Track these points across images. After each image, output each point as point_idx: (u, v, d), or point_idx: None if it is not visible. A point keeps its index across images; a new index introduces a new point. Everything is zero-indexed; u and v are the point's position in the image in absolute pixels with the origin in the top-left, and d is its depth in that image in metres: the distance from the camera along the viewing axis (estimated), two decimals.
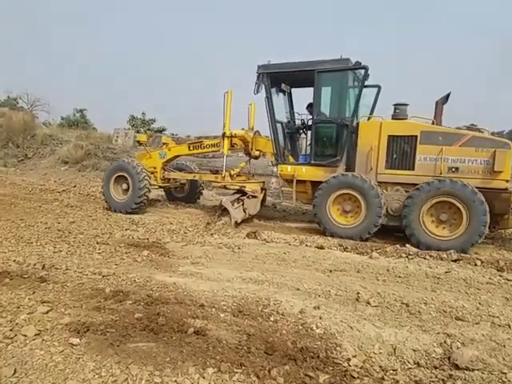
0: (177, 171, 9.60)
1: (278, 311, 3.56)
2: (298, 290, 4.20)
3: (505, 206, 6.39)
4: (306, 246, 6.33)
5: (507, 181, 6.34)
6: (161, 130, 26.23)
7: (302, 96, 8.61)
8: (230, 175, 8.46)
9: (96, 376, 2.43)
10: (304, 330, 3.24)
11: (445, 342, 3.05)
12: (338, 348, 2.95)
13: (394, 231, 7.16)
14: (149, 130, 25.73)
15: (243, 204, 7.77)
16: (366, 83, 7.52)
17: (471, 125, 7.36)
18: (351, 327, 3.26)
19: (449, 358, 2.84)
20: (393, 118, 7.30)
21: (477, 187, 6.21)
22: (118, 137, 18.91)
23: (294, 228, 7.83)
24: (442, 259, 5.71)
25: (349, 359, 2.81)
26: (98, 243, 5.70)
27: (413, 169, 6.79)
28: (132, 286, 4.07)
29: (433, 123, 7.07)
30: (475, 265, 5.47)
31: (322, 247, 6.21)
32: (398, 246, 6.32)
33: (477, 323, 3.50)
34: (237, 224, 7.41)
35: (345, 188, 6.95)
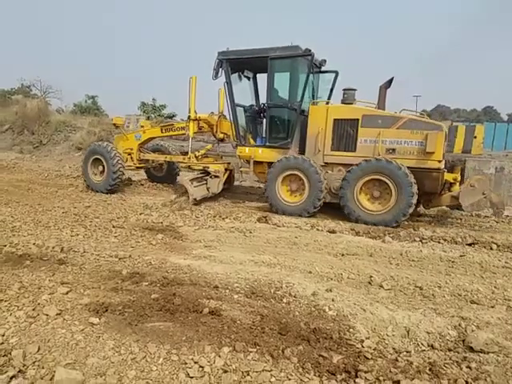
0: (152, 153, 10.07)
1: (291, 293, 3.60)
2: (310, 273, 4.23)
3: (435, 185, 6.80)
4: (318, 230, 6.33)
5: (439, 161, 6.69)
6: (171, 116, 26.18)
7: None
8: (196, 156, 8.92)
9: (116, 353, 2.51)
10: (317, 311, 3.27)
11: (459, 325, 3.04)
12: (351, 330, 2.98)
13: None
14: (159, 115, 25.71)
15: (206, 183, 8.27)
16: (324, 69, 8.11)
17: (423, 111, 7.45)
18: (364, 310, 3.28)
19: (463, 341, 2.85)
20: (342, 103, 7.60)
21: (412, 167, 6.68)
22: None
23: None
24: (456, 243, 5.66)
25: (362, 341, 2.84)
26: (113, 227, 5.80)
27: (355, 150, 7.17)
28: (148, 267, 4.16)
29: (378, 108, 7.38)
30: (491, 249, 5.41)
31: (333, 231, 6.21)
32: (411, 230, 6.29)
33: (492, 307, 3.49)
34: (196, 201, 7.82)
35: (290, 169, 7.40)
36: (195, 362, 2.46)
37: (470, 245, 5.60)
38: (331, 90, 8.30)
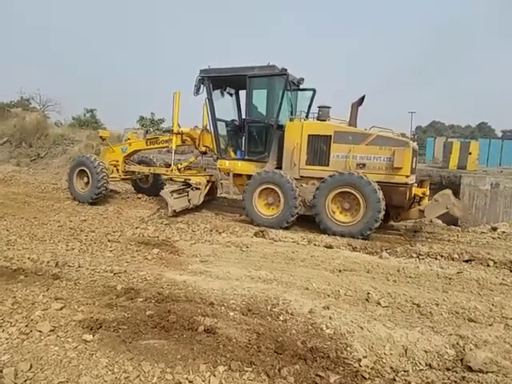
0: (138, 164, 10.27)
1: (288, 311, 3.57)
2: (307, 289, 4.20)
3: (402, 199, 7.04)
4: (315, 245, 6.32)
5: (407, 176, 6.93)
6: (170, 130, 26.28)
7: None
8: (178, 169, 9.16)
9: (109, 372, 2.47)
10: (314, 329, 3.24)
11: (457, 344, 3.02)
12: (348, 348, 2.94)
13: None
14: (157, 129, 25.83)
15: (188, 195, 8.47)
16: (302, 86, 8.55)
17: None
18: (361, 327, 3.25)
19: (461, 360, 2.82)
20: (317, 119, 8.04)
21: (380, 181, 6.92)
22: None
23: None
24: (453, 259, 5.64)
25: (359, 360, 2.81)
26: (109, 241, 5.77)
27: (328, 165, 7.46)
28: (143, 283, 4.12)
29: (350, 124, 7.73)
30: (488, 265, 5.40)
31: (330, 246, 6.19)
32: (408, 246, 6.28)
33: (490, 325, 3.46)
34: (175, 212, 8.00)
35: (266, 183, 7.70)
36: (190, 382, 2.43)
37: (466, 261, 5.59)
38: (309, 107, 8.74)
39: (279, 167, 7.98)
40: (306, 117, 8.57)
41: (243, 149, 8.44)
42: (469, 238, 7.35)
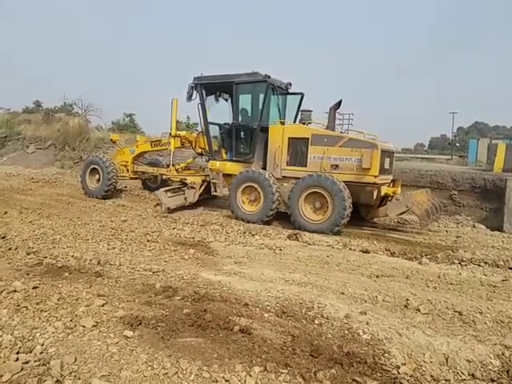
0: (146, 165, 11.11)
1: (323, 314, 3.53)
2: (343, 294, 4.14)
3: (369, 197, 7.48)
4: (350, 249, 6.21)
5: (375, 176, 7.25)
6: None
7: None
8: (176, 169, 9.89)
9: (149, 368, 2.55)
10: (350, 334, 3.19)
11: (503, 354, 2.88)
12: (386, 355, 2.88)
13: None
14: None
15: (184, 193, 9.10)
16: (291, 91, 9.12)
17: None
18: (400, 334, 3.16)
19: (507, 372, 2.69)
20: (300, 122, 8.60)
21: (351, 181, 7.36)
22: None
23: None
24: (498, 266, 5.38)
25: (398, 367, 2.73)
26: (148, 241, 5.95)
27: (306, 166, 7.90)
28: (180, 282, 4.21)
29: (327, 128, 8.14)
30: None
31: (367, 251, 6.06)
32: (450, 251, 6.04)
33: None
34: (169, 209, 8.53)
35: (248, 181, 8.23)
36: (226, 381, 2.46)
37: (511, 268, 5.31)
38: (297, 110, 9.19)
39: (265, 168, 8.51)
40: (294, 120, 9.05)
41: (231, 150, 9.03)
42: None
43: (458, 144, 47.45)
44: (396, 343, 3.03)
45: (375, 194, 7.46)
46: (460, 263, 5.49)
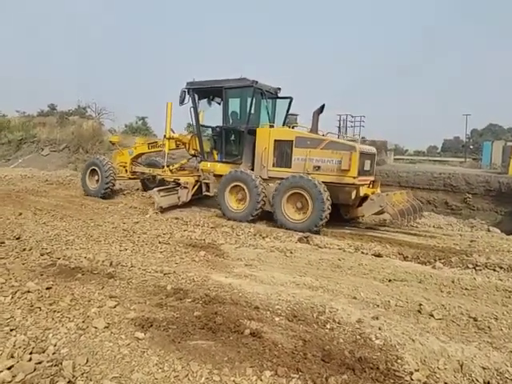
0: (144, 166, 11.52)
1: (335, 319, 3.50)
2: (355, 298, 4.09)
3: (348, 198, 7.79)
4: (362, 253, 6.14)
5: (354, 177, 7.63)
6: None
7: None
8: (170, 170, 10.29)
9: (159, 370, 2.55)
10: (362, 339, 3.15)
11: None
12: (399, 360, 2.83)
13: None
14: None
15: (177, 193, 9.45)
16: (280, 95, 9.54)
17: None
18: (413, 340, 3.11)
19: None
20: (286, 125, 9.09)
21: (332, 182, 7.73)
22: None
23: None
24: None
25: (411, 373, 2.69)
26: (159, 243, 5.99)
27: (290, 167, 8.27)
28: (191, 284, 4.22)
29: (311, 131, 8.48)
30: None
31: (379, 255, 5.99)
32: (464, 256, 5.94)
33: None
34: (162, 208, 8.89)
35: (235, 181, 8.56)
36: None
37: None
38: (286, 114, 9.67)
39: (253, 169, 8.85)
40: (283, 123, 9.50)
41: (222, 152, 9.40)
42: None
43: (471, 146, 46.66)
44: (409, 349, 2.98)
45: (353, 194, 7.76)
46: (474, 268, 5.39)
